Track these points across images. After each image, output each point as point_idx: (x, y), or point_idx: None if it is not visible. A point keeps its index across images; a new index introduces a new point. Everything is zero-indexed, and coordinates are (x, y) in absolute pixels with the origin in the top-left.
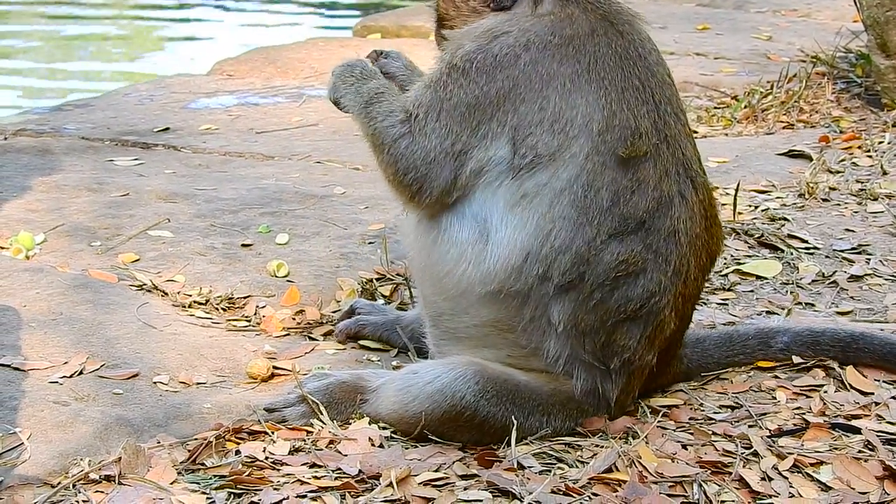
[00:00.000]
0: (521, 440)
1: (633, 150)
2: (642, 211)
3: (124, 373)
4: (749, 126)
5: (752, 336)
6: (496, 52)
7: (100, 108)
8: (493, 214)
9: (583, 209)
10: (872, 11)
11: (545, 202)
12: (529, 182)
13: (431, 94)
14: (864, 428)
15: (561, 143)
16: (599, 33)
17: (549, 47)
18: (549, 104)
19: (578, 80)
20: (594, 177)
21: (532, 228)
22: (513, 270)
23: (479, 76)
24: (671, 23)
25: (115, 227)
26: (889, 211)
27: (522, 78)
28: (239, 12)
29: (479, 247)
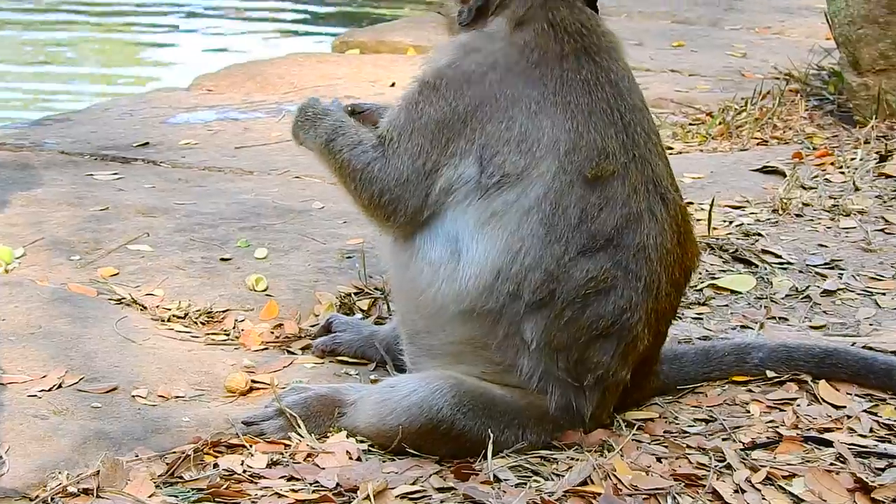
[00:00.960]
0: (498, 453)
1: (599, 170)
2: (610, 228)
3: (103, 386)
4: (724, 142)
5: (729, 352)
6: (465, 68)
7: (80, 123)
8: (464, 233)
9: (551, 227)
10: (844, 29)
11: (514, 220)
12: (498, 200)
13: (405, 115)
14: (837, 441)
15: (528, 162)
16: (570, 59)
17: (516, 69)
18: (515, 124)
19: (545, 103)
20: (561, 195)
21: (502, 246)
22: (484, 289)
23: (448, 91)
24: (647, 40)
25: (95, 241)
26: (861, 226)
27: (488, 96)
28: (219, 28)
29: (451, 266)
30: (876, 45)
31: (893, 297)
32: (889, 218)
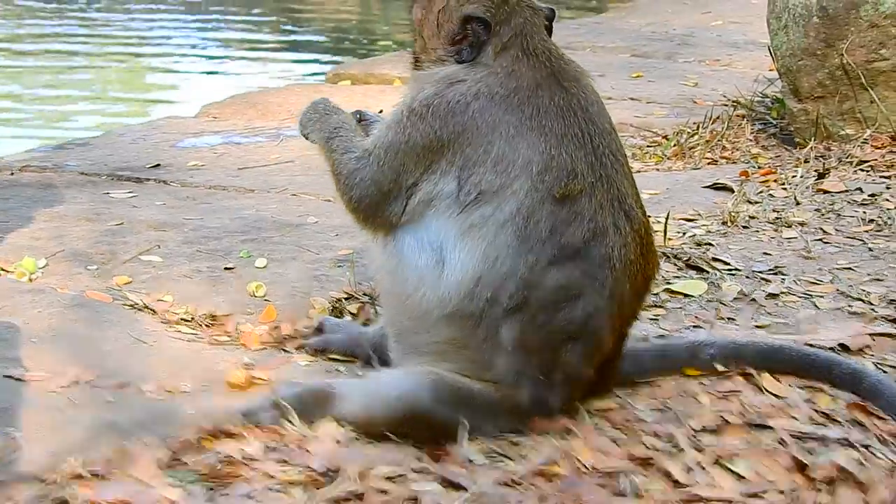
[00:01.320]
0: (471, 439)
1: (567, 189)
2: (579, 240)
3: (115, 382)
4: (678, 162)
5: (683, 349)
6: (449, 99)
7: (98, 147)
8: (447, 242)
9: (524, 238)
10: (786, 61)
11: (491, 232)
12: (476, 214)
13: (392, 135)
14: (778, 427)
15: (503, 181)
16: (544, 87)
17: (496, 98)
18: (493, 148)
19: (521, 128)
20: (533, 210)
21: (481, 255)
22: (466, 294)
23: (434, 120)
24: (609, 71)
25: (111, 252)
26: (802, 237)
27: (471, 124)
28: (223, 61)
29: (436, 272)
30: (814, 75)
31: (831, 300)
32: (826, 229)
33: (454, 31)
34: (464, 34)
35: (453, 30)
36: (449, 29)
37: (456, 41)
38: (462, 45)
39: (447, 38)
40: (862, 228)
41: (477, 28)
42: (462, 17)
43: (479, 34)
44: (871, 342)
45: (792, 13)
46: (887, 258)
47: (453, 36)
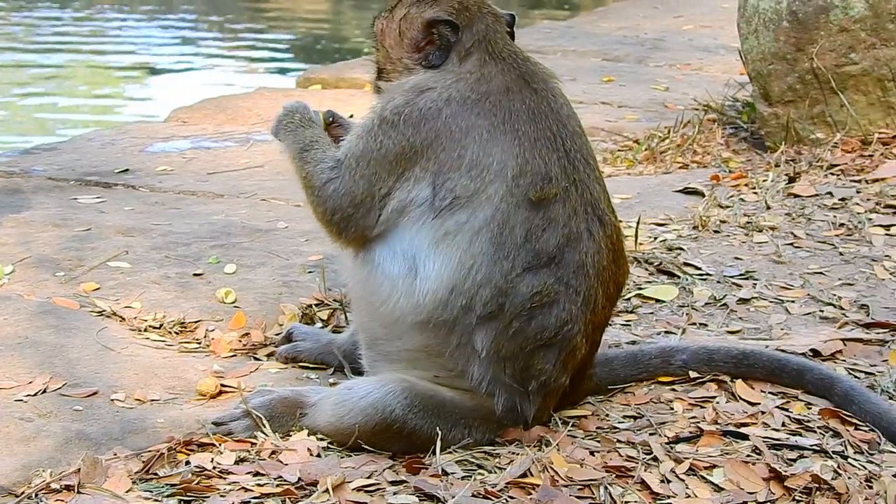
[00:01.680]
0: (445, 450)
1: (543, 193)
2: (553, 246)
3: (84, 391)
4: (649, 166)
5: (655, 355)
6: (421, 106)
7: (65, 152)
8: (421, 251)
9: (499, 245)
10: (756, 65)
11: (466, 239)
12: (450, 221)
13: (363, 144)
14: (752, 435)
15: (478, 186)
16: (514, 90)
17: (468, 102)
18: (467, 152)
19: (494, 132)
20: (508, 216)
21: (455, 263)
22: (440, 302)
23: (407, 128)
24: (580, 75)
25: (78, 258)
26: (773, 241)
27: (444, 130)
28: (194, 64)
29: (409, 280)
30: (785, 79)
31: (802, 305)
32: (797, 233)
33: (418, 38)
34: (428, 39)
35: (416, 36)
36: (412, 36)
37: (420, 47)
38: (427, 50)
39: (411, 45)
40: (832, 233)
41: (444, 31)
42: (426, 21)
43: (446, 36)
44: (843, 347)
45: (762, 17)
46: (858, 262)
47: (417, 42)
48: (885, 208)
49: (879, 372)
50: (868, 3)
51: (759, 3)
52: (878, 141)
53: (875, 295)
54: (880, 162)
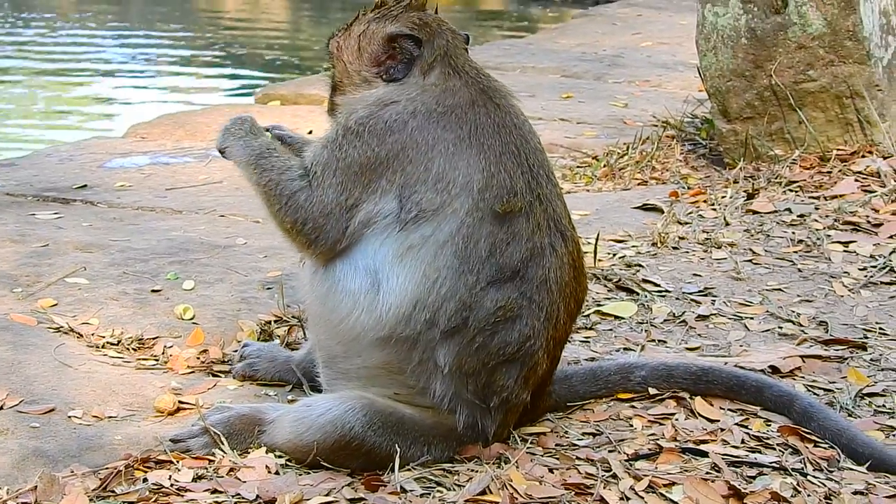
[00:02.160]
0: (404, 467)
1: (508, 206)
2: (517, 261)
3: (41, 408)
4: (608, 183)
5: (614, 371)
6: (386, 119)
7: (23, 167)
8: (384, 265)
9: (464, 259)
10: (715, 82)
11: (430, 253)
12: (415, 234)
13: (328, 153)
14: (712, 452)
15: (444, 200)
16: (479, 104)
17: (434, 115)
18: (433, 165)
19: (461, 145)
20: (473, 229)
21: (420, 277)
22: (403, 317)
23: (371, 139)
24: (539, 92)
25: (36, 274)
26: (731, 258)
27: (410, 142)
28: (153, 80)
29: (371, 296)
30: (743, 96)
31: (761, 321)
32: (756, 250)
33: (378, 52)
34: (389, 54)
35: (377, 51)
36: (372, 51)
37: (381, 62)
38: (388, 64)
39: (371, 59)
40: (791, 249)
41: (406, 45)
42: (387, 35)
43: (408, 51)
44: (802, 364)
45: (721, 34)
46: (816, 279)
47: (377, 57)
48: (844, 225)
49: (838, 389)
50: (826, 21)
51: (717, 20)
52: (837, 158)
53: (834, 311)
54: (838, 178)
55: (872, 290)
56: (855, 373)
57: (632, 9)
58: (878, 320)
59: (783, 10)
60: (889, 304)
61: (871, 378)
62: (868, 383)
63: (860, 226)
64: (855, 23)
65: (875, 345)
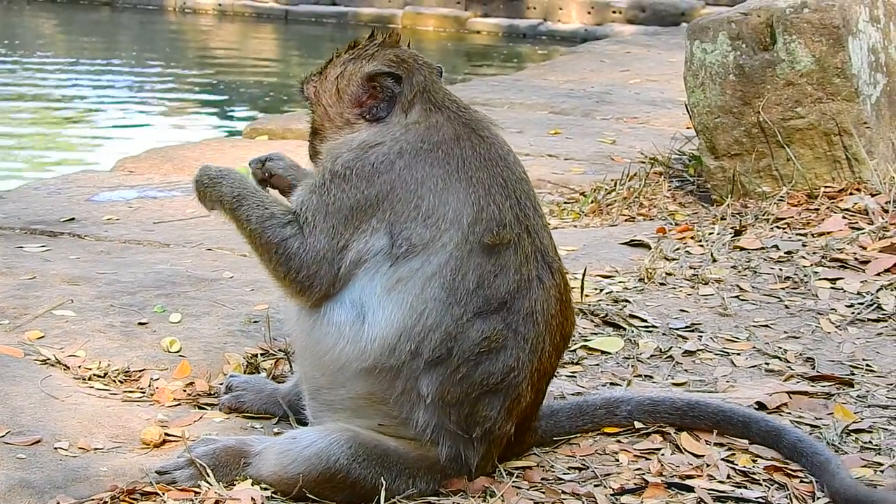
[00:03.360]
0: (390, 499)
1: (498, 238)
2: (504, 293)
3: (28, 439)
4: (595, 219)
5: (600, 406)
6: (373, 161)
7: (11, 200)
8: (371, 298)
9: (451, 291)
10: (703, 118)
11: (418, 285)
12: (404, 268)
13: (317, 199)
14: (697, 486)
15: (433, 234)
16: (464, 138)
17: (421, 153)
18: (423, 202)
19: (449, 180)
20: (461, 262)
21: (406, 309)
22: (388, 347)
23: (360, 182)
24: (526, 128)
25: (23, 306)
26: (718, 294)
27: (399, 181)
28: (141, 115)
29: (356, 327)
30: (731, 133)
31: (747, 357)
32: (743, 286)
33: (358, 93)
34: (370, 94)
35: (357, 92)
36: (352, 92)
37: (362, 102)
38: (369, 104)
39: (351, 101)
40: (778, 286)
41: (386, 83)
42: (366, 75)
43: (389, 88)
44: (788, 400)
45: (709, 71)
46: (804, 316)
47: (358, 98)
48: (831, 262)
49: (825, 425)
50: (814, 58)
51: (705, 57)
52: (824, 195)
53: (821, 348)
54: (826, 216)
55: (859, 327)
56: (841, 409)
57: (620, 46)
58: (864, 357)
59: (771, 47)
60: (876, 341)
61: (857, 414)
62: (855, 419)
63: (847, 263)
64: (843, 60)
65: (862, 381)
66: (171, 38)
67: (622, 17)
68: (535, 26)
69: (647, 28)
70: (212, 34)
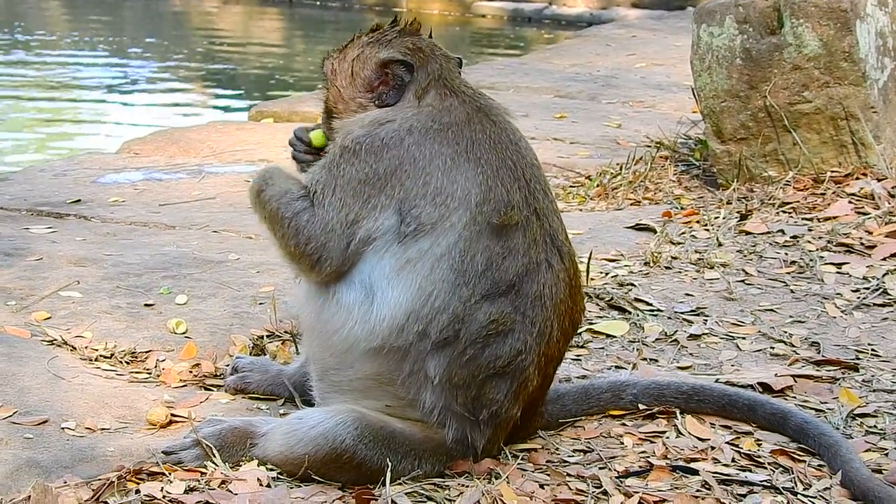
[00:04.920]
0: (395, 481)
1: (507, 218)
2: (512, 275)
3: (35, 419)
4: (601, 202)
5: (606, 390)
6: (383, 136)
7: (17, 182)
8: (380, 279)
9: (460, 272)
10: (709, 102)
11: (427, 266)
12: (413, 248)
13: (327, 174)
14: (702, 470)
15: (442, 213)
16: (475, 121)
17: (431, 131)
18: (432, 180)
19: (458, 160)
20: (470, 243)
21: (415, 290)
22: (396, 328)
23: (368, 156)
24: (532, 111)
25: (30, 288)
26: (724, 278)
27: (407, 157)
28: (146, 97)
29: (364, 307)
30: (737, 117)
31: (753, 341)
32: (748, 270)
33: (371, 78)
34: (382, 80)
35: (370, 76)
36: (365, 76)
37: (374, 87)
38: (380, 90)
39: (364, 84)
40: (784, 270)
41: (399, 71)
42: (380, 61)
43: (401, 77)
44: (793, 383)
45: (716, 55)
46: (809, 300)
47: (371, 82)
48: (837, 246)
49: (829, 409)
50: (822, 42)
51: (712, 41)
52: (831, 179)
53: (826, 332)
54: (832, 200)
55: (865, 312)
56: (847, 393)
57: (626, 30)
58: (870, 341)
59: (779, 31)
60: (881, 326)
61: (862, 399)
62: (860, 404)
63: (853, 248)
64: (851, 44)
65: (867, 366)
66: (177, 21)
67: (628, 0)
68: (541, 10)
69: (653, 12)
70: (217, 17)
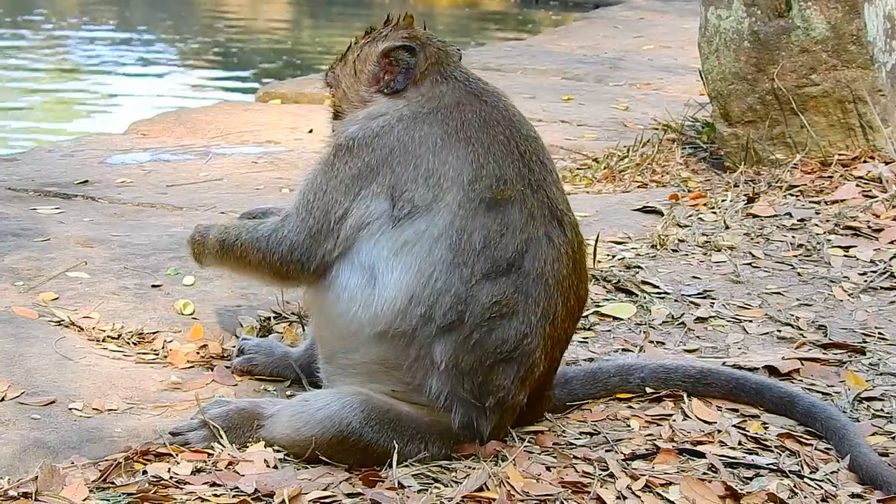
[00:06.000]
0: (402, 463)
1: (500, 193)
2: (512, 252)
3: (42, 400)
4: (608, 185)
5: (613, 374)
6: (374, 127)
7: (25, 163)
8: (379, 261)
9: (458, 251)
10: (717, 85)
11: (425, 247)
12: (409, 230)
13: (322, 176)
14: (709, 452)
15: (436, 194)
16: (465, 103)
17: (420, 116)
18: (422, 162)
19: (448, 140)
20: (467, 222)
21: (415, 272)
22: (399, 312)
23: (360, 150)
24: (539, 94)
25: (37, 268)
26: (731, 261)
27: (397, 143)
28: (154, 78)
29: (367, 291)
30: (745, 99)
31: (759, 324)
32: (756, 253)
33: (375, 70)
34: (386, 69)
35: (374, 69)
36: (369, 70)
37: (380, 78)
38: (386, 79)
39: (368, 80)
40: (791, 253)
41: (401, 56)
42: (382, 51)
43: (406, 61)
44: (800, 366)
45: (723, 37)
46: (816, 283)
47: (375, 75)
48: (844, 230)
49: (836, 392)
50: (830, 25)
51: (720, 23)
52: (838, 162)
53: (833, 316)
54: (839, 183)
55: (872, 295)
56: (853, 376)
57: (633, 12)
58: (877, 325)
59: (787, 14)
60: (888, 310)
61: (869, 382)
62: (867, 387)
63: (861, 231)
64: (859, 27)
65: (874, 349)
66: (184, 2)
67: None
68: None
69: None
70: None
